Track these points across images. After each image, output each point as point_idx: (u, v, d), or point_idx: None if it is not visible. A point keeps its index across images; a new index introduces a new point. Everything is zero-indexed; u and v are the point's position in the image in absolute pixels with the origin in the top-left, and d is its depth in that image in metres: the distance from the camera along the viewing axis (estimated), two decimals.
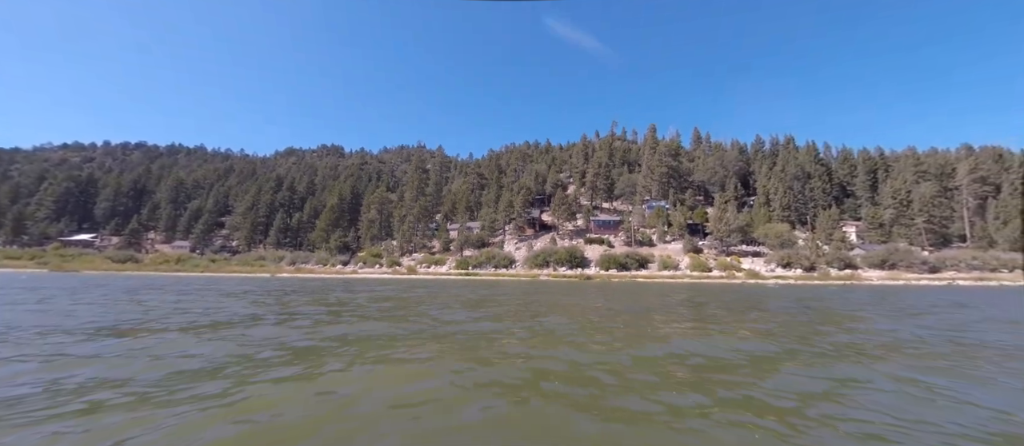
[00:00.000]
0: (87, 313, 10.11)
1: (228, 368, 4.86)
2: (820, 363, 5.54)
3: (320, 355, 5.66)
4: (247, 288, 22.76)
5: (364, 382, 4.44)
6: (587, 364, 5.21)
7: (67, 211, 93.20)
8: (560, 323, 9.35)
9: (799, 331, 8.49)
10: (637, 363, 5.39)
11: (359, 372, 4.81)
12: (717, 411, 3.55)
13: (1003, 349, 6.81)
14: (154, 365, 4.99)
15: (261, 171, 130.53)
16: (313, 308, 12.03)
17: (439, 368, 5.13)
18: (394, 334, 7.51)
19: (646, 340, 7.43)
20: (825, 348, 6.65)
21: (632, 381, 4.46)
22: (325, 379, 4.45)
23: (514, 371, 4.87)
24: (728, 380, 4.57)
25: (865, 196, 77.24)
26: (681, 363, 5.45)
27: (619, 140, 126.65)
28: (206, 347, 6.11)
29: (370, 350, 6.04)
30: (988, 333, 8.56)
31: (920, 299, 18.05)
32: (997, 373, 5.11)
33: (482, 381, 4.46)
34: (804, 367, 5.31)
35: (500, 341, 6.99)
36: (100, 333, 7.32)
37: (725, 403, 3.76)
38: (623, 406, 3.69)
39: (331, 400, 3.80)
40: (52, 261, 58.46)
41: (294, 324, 8.73)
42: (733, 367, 5.26)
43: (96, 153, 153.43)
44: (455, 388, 4.21)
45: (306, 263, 73.82)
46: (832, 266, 50.78)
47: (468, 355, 5.82)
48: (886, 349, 6.61)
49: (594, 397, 3.93)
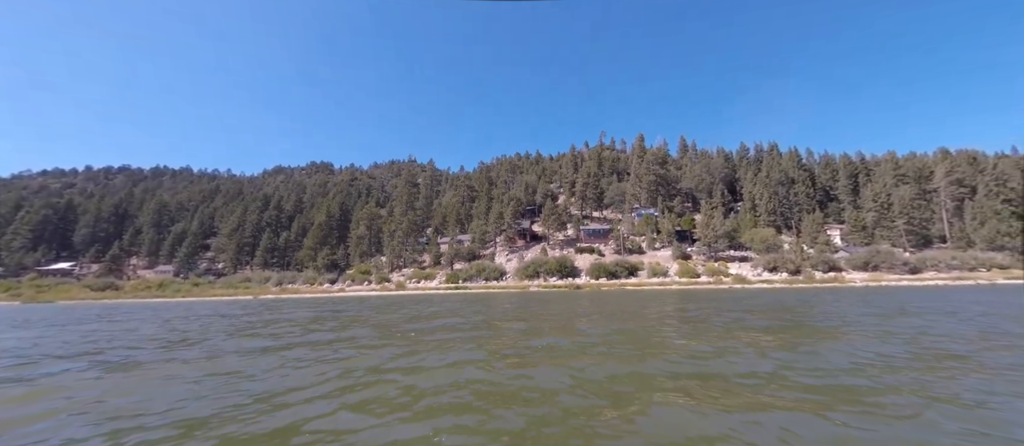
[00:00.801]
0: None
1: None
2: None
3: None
4: (199, 313, 22.12)
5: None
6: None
7: (45, 240, 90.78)
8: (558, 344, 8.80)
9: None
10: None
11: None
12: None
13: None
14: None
15: (248, 191, 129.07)
16: (239, 338, 11.39)
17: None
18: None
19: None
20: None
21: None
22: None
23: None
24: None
25: (848, 200, 78.75)
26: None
27: (608, 150, 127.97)
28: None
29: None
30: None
31: (899, 301, 18.21)
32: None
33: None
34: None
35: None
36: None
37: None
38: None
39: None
40: (26, 292, 56.59)
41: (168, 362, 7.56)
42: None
43: (77, 179, 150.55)
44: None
45: (293, 283, 72.61)
46: (817, 269, 51.38)
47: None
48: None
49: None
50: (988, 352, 6.80)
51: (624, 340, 8.71)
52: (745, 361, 6.24)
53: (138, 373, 6.58)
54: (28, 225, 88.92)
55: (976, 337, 8.23)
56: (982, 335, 8.45)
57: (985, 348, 7.12)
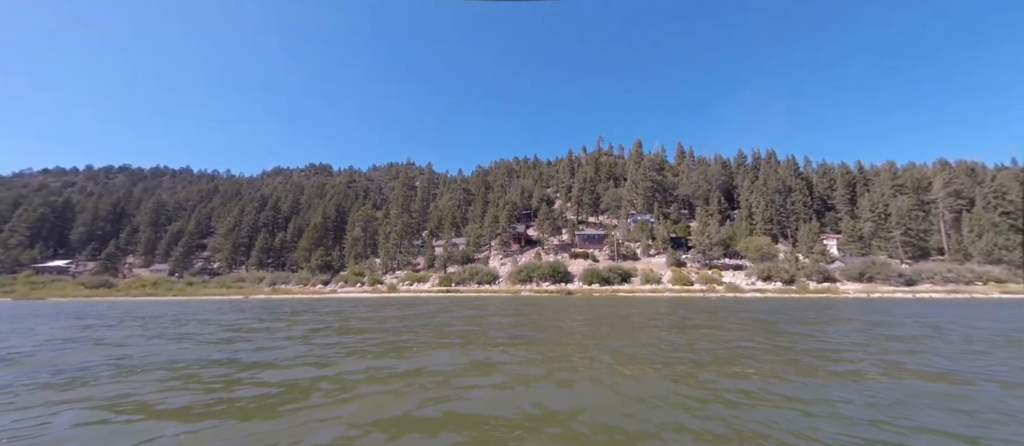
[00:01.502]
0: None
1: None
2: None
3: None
4: (163, 313, 21.90)
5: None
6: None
7: (42, 237, 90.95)
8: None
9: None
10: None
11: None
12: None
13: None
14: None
15: (247, 192, 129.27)
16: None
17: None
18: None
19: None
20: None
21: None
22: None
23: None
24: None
25: (845, 209, 78.25)
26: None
27: (606, 155, 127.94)
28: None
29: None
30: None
31: (886, 315, 17.87)
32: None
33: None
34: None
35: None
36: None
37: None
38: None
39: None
40: (19, 290, 56.54)
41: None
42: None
43: (77, 178, 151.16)
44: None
45: (287, 283, 72.45)
46: (811, 279, 50.90)
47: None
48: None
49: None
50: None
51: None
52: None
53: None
54: (25, 222, 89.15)
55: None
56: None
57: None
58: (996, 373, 6.28)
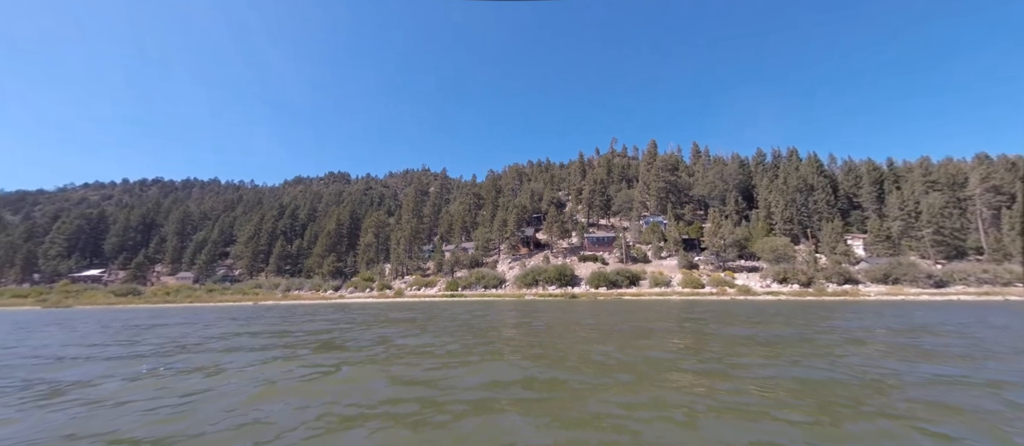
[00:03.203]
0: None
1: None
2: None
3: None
4: (153, 321, 22.39)
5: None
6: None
7: (78, 248, 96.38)
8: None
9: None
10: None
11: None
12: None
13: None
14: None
15: (268, 201, 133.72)
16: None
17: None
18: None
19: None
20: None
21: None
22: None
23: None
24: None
25: (872, 208, 74.14)
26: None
27: (619, 156, 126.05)
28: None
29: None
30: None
31: (880, 317, 16.45)
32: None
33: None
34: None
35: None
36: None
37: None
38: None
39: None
40: (52, 298, 59.90)
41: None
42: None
43: (115, 190, 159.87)
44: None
45: (300, 289, 74.11)
46: (831, 281, 48.21)
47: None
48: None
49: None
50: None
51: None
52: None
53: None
54: (63, 234, 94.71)
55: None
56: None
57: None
58: (871, 373, 5.44)
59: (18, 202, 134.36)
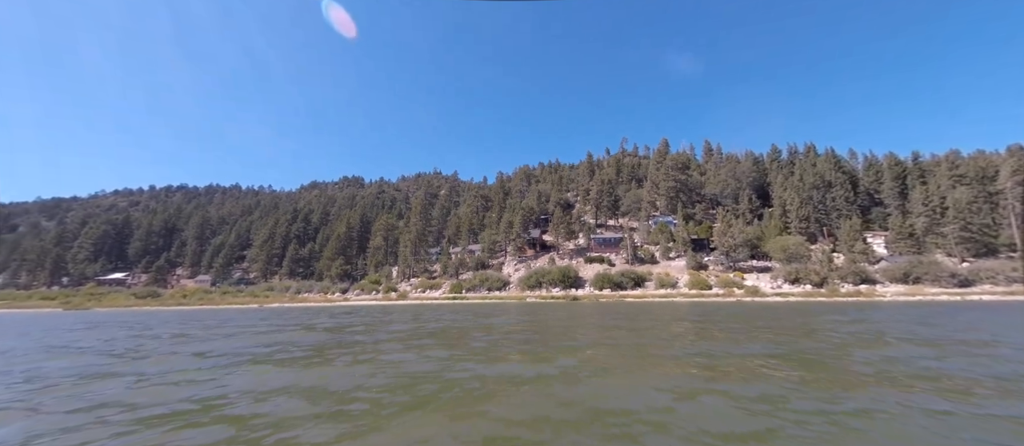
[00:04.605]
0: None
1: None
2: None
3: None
4: (145, 324, 22.81)
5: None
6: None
7: (104, 252, 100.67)
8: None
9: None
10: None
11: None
12: None
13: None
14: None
15: (284, 205, 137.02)
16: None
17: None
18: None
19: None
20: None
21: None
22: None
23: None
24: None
25: (895, 204, 70.68)
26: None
27: (630, 156, 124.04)
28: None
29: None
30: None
31: (869, 317, 15.32)
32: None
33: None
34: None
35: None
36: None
37: None
38: None
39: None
40: (74, 301, 62.62)
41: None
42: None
43: (142, 197, 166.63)
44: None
45: (310, 292, 75.40)
46: (846, 281, 45.98)
47: None
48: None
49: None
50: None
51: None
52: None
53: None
54: (91, 239, 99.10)
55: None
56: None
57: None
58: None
59: (54, 209, 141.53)
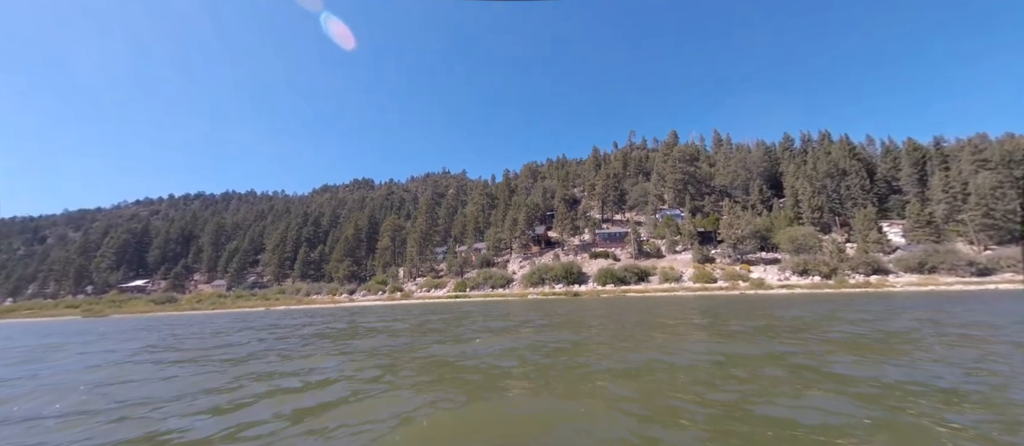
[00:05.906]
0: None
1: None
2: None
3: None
4: (141, 327, 23.29)
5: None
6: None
7: (125, 260, 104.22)
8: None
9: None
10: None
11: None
12: None
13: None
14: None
15: (296, 209, 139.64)
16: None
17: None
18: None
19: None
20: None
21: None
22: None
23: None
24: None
25: (914, 192, 67.83)
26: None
27: (637, 149, 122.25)
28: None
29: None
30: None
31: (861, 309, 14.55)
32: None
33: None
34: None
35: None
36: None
37: None
38: None
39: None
40: (95, 308, 64.98)
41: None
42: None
43: (162, 206, 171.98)
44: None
45: (319, 294, 76.61)
46: (857, 271, 44.32)
47: None
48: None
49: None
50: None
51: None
52: None
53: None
54: (112, 248, 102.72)
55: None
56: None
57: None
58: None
59: (79, 220, 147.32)
